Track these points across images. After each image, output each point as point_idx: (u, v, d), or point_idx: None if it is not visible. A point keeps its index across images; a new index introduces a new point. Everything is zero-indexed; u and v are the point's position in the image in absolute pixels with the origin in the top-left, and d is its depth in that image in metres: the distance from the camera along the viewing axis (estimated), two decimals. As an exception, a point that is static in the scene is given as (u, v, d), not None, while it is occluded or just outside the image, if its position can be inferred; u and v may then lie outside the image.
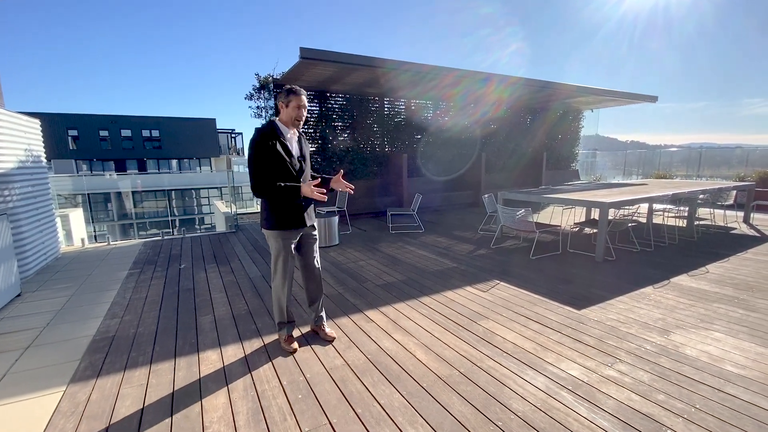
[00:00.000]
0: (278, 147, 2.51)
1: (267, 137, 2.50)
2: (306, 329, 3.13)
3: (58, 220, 6.18)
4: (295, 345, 2.79)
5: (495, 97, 10.11)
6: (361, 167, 9.30)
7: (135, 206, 28.14)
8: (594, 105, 12.39)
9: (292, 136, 2.64)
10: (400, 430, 1.95)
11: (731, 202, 7.64)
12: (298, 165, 2.63)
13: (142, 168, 32.42)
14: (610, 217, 5.22)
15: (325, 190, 2.55)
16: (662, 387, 2.29)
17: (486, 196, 6.88)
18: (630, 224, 6.09)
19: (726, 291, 3.84)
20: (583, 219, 7.49)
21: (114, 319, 3.42)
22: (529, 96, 9.98)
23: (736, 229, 6.97)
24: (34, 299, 3.96)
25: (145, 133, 33.41)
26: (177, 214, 29.81)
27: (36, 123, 5.48)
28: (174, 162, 34.66)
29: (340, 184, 2.76)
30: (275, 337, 3.00)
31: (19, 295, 4.04)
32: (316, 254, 2.89)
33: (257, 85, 8.34)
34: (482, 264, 4.96)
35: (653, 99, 11.06)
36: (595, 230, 6.06)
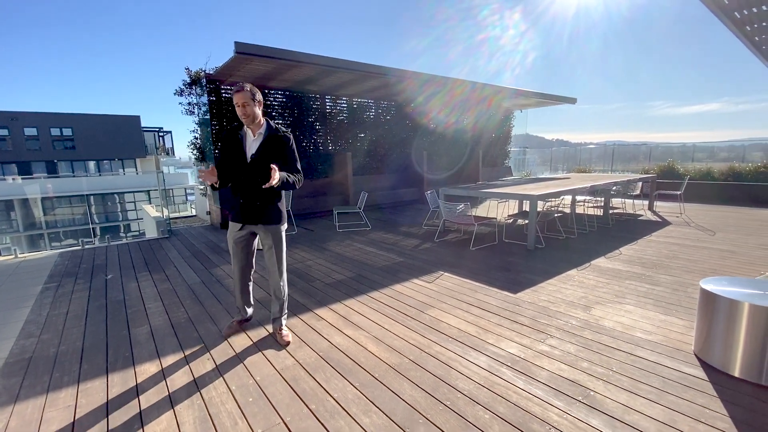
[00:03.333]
0: (229, 144, 2.70)
1: (228, 133, 2.75)
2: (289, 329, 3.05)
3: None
4: (229, 332, 3.00)
5: (440, 98, 10.50)
6: (305, 165, 9.15)
7: (45, 214, 24.94)
8: (524, 106, 13.37)
9: (245, 135, 2.70)
10: (354, 420, 2.00)
11: (638, 192, 8.72)
12: (242, 164, 2.66)
13: (52, 171, 28.73)
14: (539, 209, 5.70)
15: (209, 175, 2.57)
16: (586, 356, 2.58)
17: (429, 192, 7.14)
18: (556, 215, 6.70)
19: (635, 269, 4.40)
20: (516, 211, 8.08)
21: (30, 338, 3.05)
22: (466, 96, 10.49)
23: (642, 215, 7.96)
24: None
25: (55, 131, 29.63)
26: (98, 221, 26.95)
27: None
28: (92, 164, 31.14)
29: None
30: (220, 343, 2.89)
31: None
32: (274, 257, 2.85)
33: (188, 80, 7.83)
34: (427, 257, 5.16)
35: (573, 100, 12.22)
36: (526, 221, 6.56)
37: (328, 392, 2.24)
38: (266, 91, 8.40)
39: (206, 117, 7.74)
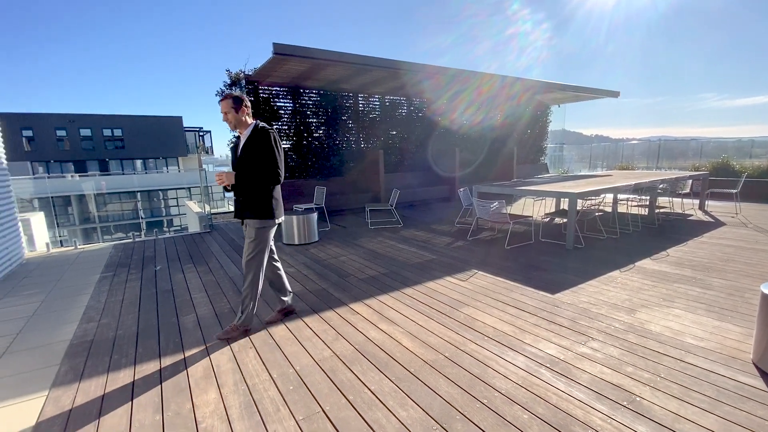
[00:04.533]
0: (233, 147, 3.01)
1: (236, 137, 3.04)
2: (317, 317, 3.16)
3: (19, 224, 5.86)
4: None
5: (469, 94, 10.34)
6: (338, 163, 9.30)
7: (98, 209, 26.81)
8: (560, 100, 12.89)
9: (239, 138, 2.95)
10: (391, 412, 2.03)
11: (688, 190, 8.19)
12: (234, 162, 2.91)
13: (104, 169, 30.85)
14: (578, 207, 5.50)
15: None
16: (631, 360, 2.48)
17: (461, 190, 7.06)
18: (597, 213, 6.43)
19: (685, 272, 4.15)
20: (553, 210, 7.82)
21: (91, 322, 3.32)
22: (499, 92, 10.26)
23: (692, 215, 7.48)
24: (2, 306, 3.76)
25: (107, 132, 31.78)
26: (144, 216, 28.64)
27: (-8, 122, 5.17)
28: (138, 162, 33.16)
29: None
30: (262, 334, 3.01)
31: (-18, 304, 3.84)
32: (244, 253, 2.93)
33: (228, 81, 8.16)
34: (460, 255, 5.11)
35: (615, 94, 11.63)
36: (564, 220, 6.34)
37: (365, 384, 2.29)
38: (301, 90, 8.59)
39: (245, 116, 8.03)
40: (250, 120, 2.89)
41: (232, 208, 14.39)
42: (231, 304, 3.65)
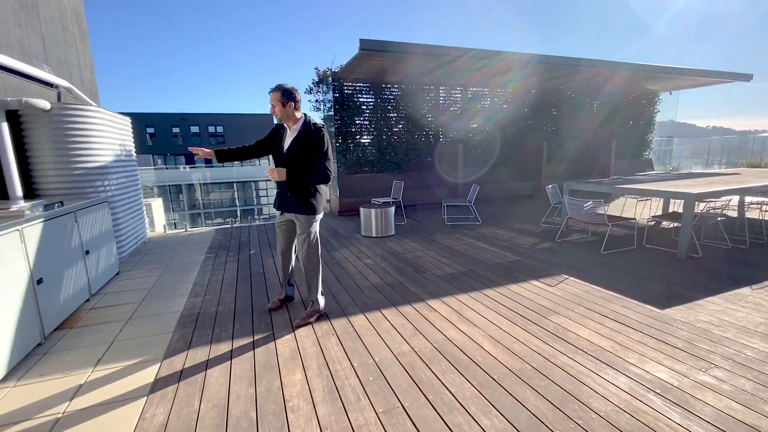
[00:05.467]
0: (271, 138, 3.01)
1: (275, 128, 3.02)
2: (402, 311, 3.21)
3: (144, 208, 6.86)
4: (271, 306, 3.37)
5: (561, 83, 9.53)
6: (416, 158, 9.26)
7: (203, 197, 30.47)
8: (673, 87, 11.21)
9: (285, 131, 2.95)
10: (474, 419, 1.94)
11: None
12: (279, 157, 2.93)
13: (208, 162, 34.97)
14: (695, 210, 4.72)
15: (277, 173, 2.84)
16: (771, 398, 2.04)
17: (550, 186, 6.54)
18: (719, 218, 5.46)
19: None
20: (660, 212, 6.85)
21: (197, 297, 3.75)
22: (598, 79, 9.26)
23: None
24: (131, 278, 4.45)
25: (211, 129, 35.95)
26: (239, 204, 31.83)
27: (127, 120, 6.11)
28: (236, 156, 36.84)
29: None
30: (342, 321, 3.11)
31: (117, 274, 4.57)
32: (300, 247, 3.05)
33: (316, 79, 8.59)
34: (548, 258, 4.73)
35: (747, 77, 9.75)
36: (676, 224, 5.51)
37: (444, 385, 2.22)
38: (383, 85, 8.69)
39: (330, 113, 8.39)
40: (298, 114, 2.87)
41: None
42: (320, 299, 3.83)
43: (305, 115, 2.91)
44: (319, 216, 3.07)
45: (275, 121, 3.05)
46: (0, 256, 2.45)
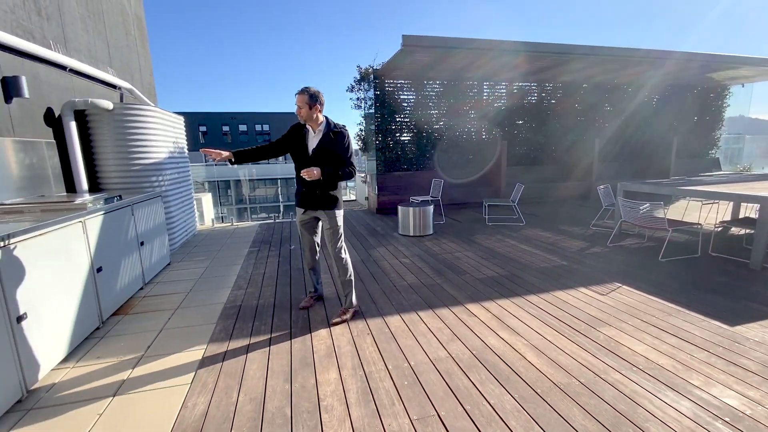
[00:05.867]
0: (292, 137, 3.03)
1: (295, 128, 3.04)
2: (448, 311, 3.15)
3: (194, 202, 7.25)
4: (304, 304, 3.38)
5: (615, 76, 8.89)
6: (456, 155, 9.04)
7: (249, 192, 31.86)
8: (748, 78, 10.08)
9: (308, 131, 2.98)
10: (514, 434, 1.83)
11: None
12: (304, 157, 2.96)
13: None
14: (776, 216, 4.19)
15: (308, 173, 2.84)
16: None
17: (602, 187, 6.12)
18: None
19: None
20: (729, 217, 6.19)
21: (240, 290, 3.88)
22: (659, 70, 8.53)
23: None
24: (180, 268, 4.70)
25: (258, 127, 37.44)
26: (281, 200, 32.95)
27: (181, 119, 6.46)
28: (280, 153, 38.18)
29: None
30: (378, 321, 3.07)
31: (169, 264, 4.85)
32: (330, 243, 3.09)
33: (358, 77, 8.61)
34: (598, 264, 4.42)
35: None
36: (749, 231, 4.95)
37: (483, 395, 2.11)
38: (425, 82, 8.56)
39: (371, 111, 8.39)
40: (321, 116, 2.96)
41: (354, 197, 15.43)
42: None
43: (326, 117, 3.02)
44: (343, 211, 3.16)
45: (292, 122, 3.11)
46: (65, 246, 2.65)
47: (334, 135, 2.93)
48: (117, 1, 6.30)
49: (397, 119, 8.54)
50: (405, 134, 8.75)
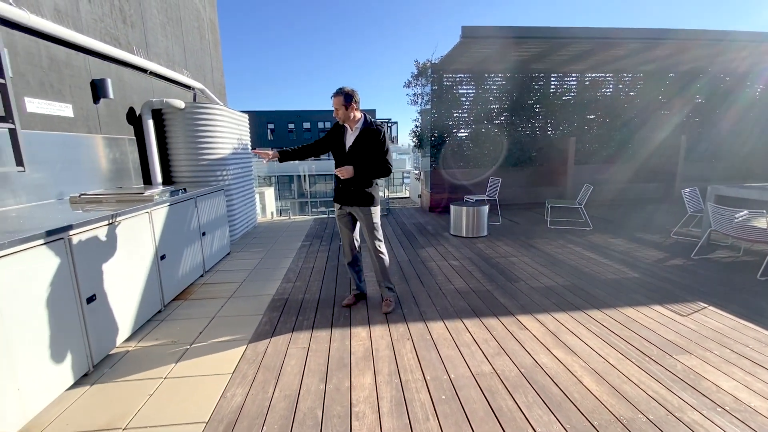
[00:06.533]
0: (333, 135, 3.14)
1: (335, 127, 3.15)
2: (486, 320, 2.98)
3: (256, 196, 7.65)
4: (347, 302, 3.38)
5: (703, 62, 7.74)
6: (518, 152, 8.51)
7: (309, 187, 33.21)
8: None
9: (345, 129, 3.07)
10: (561, 472, 1.61)
11: None
12: (341, 154, 3.06)
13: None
14: None
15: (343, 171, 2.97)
16: None
17: (687, 190, 5.36)
18: None
19: None
20: None
21: (288, 283, 3.98)
22: (760, 56, 7.25)
23: None
24: (238, 258, 4.97)
25: (320, 125, 38.80)
26: (340, 195, 33.84)
27: (245, 117, 6.82)
28: (340, 149, 39.33)
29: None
30: (419, 326, 2.95)
31: (228, 254, 5.15)
32: (368, 238, 3.17)
33: (415, 72, 8.46)
34: (679, 279, 3.86)
35: None
36: None
37: (529, 422, 1.91)
38: (485, 75, 8.15)
39: (427, 106, 8.20)
40: (358, 114, 3.01)
41: (408, 194, 15.34)
42: (396, 289, 3.74)
43: (365, 114, 3.05)
44: (378, 207, 3.20)
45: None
46: (132, 234, 2.88)
47: (371, 132, 2.98)
48: (193, 7, 6.80)
49: (455, 114, 8.25)
50: (462, 130, 8.43)
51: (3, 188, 2.93)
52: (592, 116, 8.68)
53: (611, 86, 8.63)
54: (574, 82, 8.51)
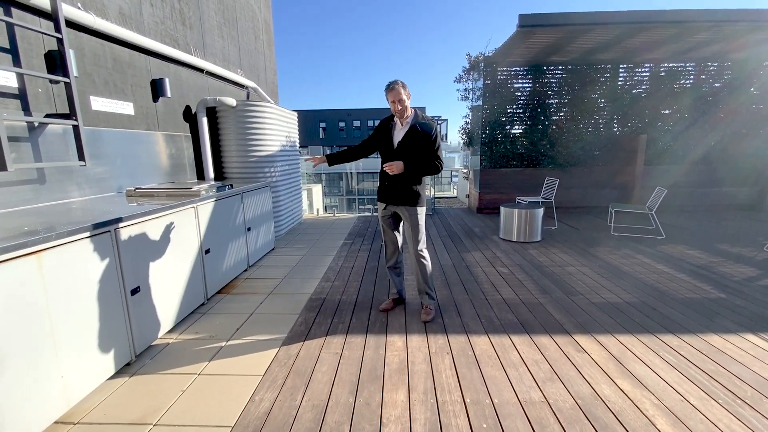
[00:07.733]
0: (381, 131, 2.97)
1: (382, 122, 2.99)
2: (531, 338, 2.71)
3: (304, 193, 7.77)
4: (384, 306, 3.22)
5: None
6: (579, 152, 7.83)
7: (357, 185, 33.62)
8: None
9: (394, 125, 2.91)
10: None
11: None
12: (389, 150, 2.90)
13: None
14: None
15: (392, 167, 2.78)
16: None
17: (790, 197, 4.54)
18: None
19: None
20: None
21: (327, 282, 3.91)
22: None
23: None
24: (281, 254, 5.02)
25: (369, 123, 39.08)
26: (386, 193, 33.88)
27: (294, 115, 6.92)
28: (389, 147, 39.44)
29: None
30: (461, 339, 2.72)
31: (273, 249, 5.22)
32: (411, 241, 2.98)
33: (467, 66, 8.10)
34: (778, 302, 3.24)
35: None
36: None
37: (586, 467, 1.62)
38: (544, 68, 7.58)
39: (479, 102, 7.81)
40: (410, 109, 2.87)
41: (455, 194, 14.90)
42: (437, 295, 3.53)
43: (415, 110, 2.90)
44: (425, 207, 3.02)
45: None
46: (178, 228, 2.95)
47: (421, 127, 2.82)
48: (249, 8, 7.01)
49: (508, 110, 7.78)
50: (516, 126, 7.93)
51: (69, 181, 3.13)
52: (668, 111, 7.75)
53: (692, 77, 7.65)
54: (647, 74, 7.66)
